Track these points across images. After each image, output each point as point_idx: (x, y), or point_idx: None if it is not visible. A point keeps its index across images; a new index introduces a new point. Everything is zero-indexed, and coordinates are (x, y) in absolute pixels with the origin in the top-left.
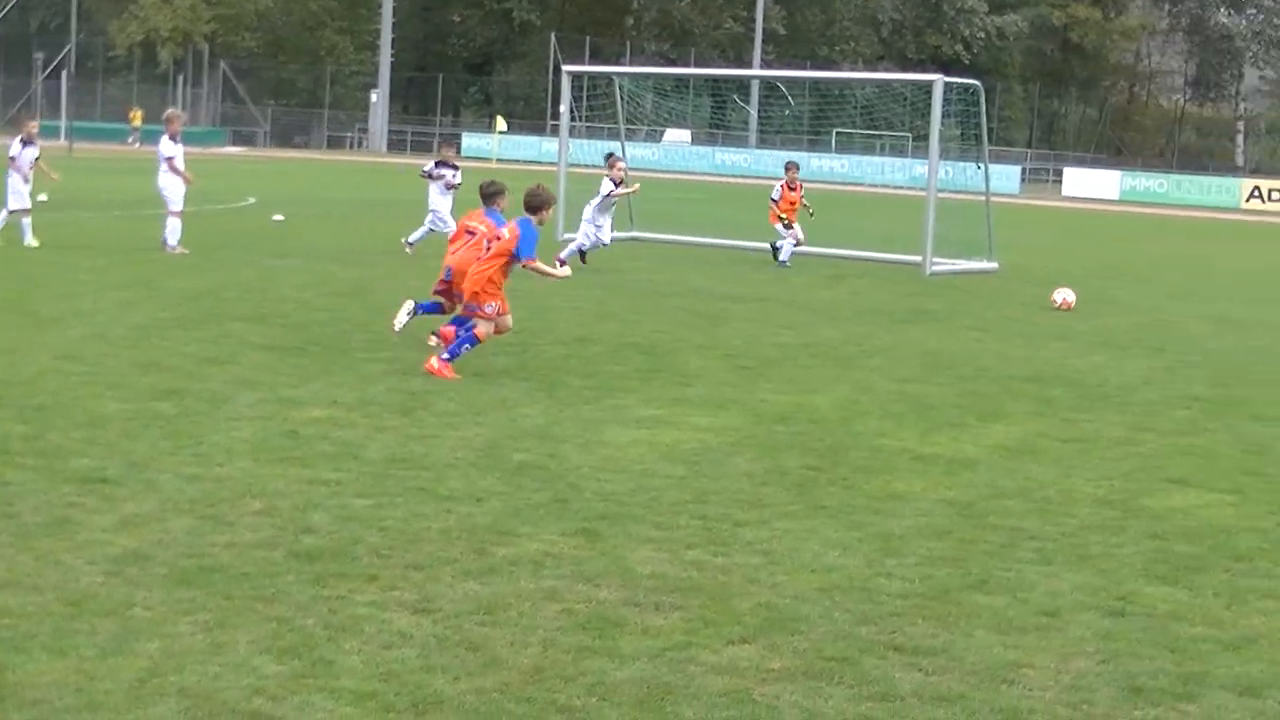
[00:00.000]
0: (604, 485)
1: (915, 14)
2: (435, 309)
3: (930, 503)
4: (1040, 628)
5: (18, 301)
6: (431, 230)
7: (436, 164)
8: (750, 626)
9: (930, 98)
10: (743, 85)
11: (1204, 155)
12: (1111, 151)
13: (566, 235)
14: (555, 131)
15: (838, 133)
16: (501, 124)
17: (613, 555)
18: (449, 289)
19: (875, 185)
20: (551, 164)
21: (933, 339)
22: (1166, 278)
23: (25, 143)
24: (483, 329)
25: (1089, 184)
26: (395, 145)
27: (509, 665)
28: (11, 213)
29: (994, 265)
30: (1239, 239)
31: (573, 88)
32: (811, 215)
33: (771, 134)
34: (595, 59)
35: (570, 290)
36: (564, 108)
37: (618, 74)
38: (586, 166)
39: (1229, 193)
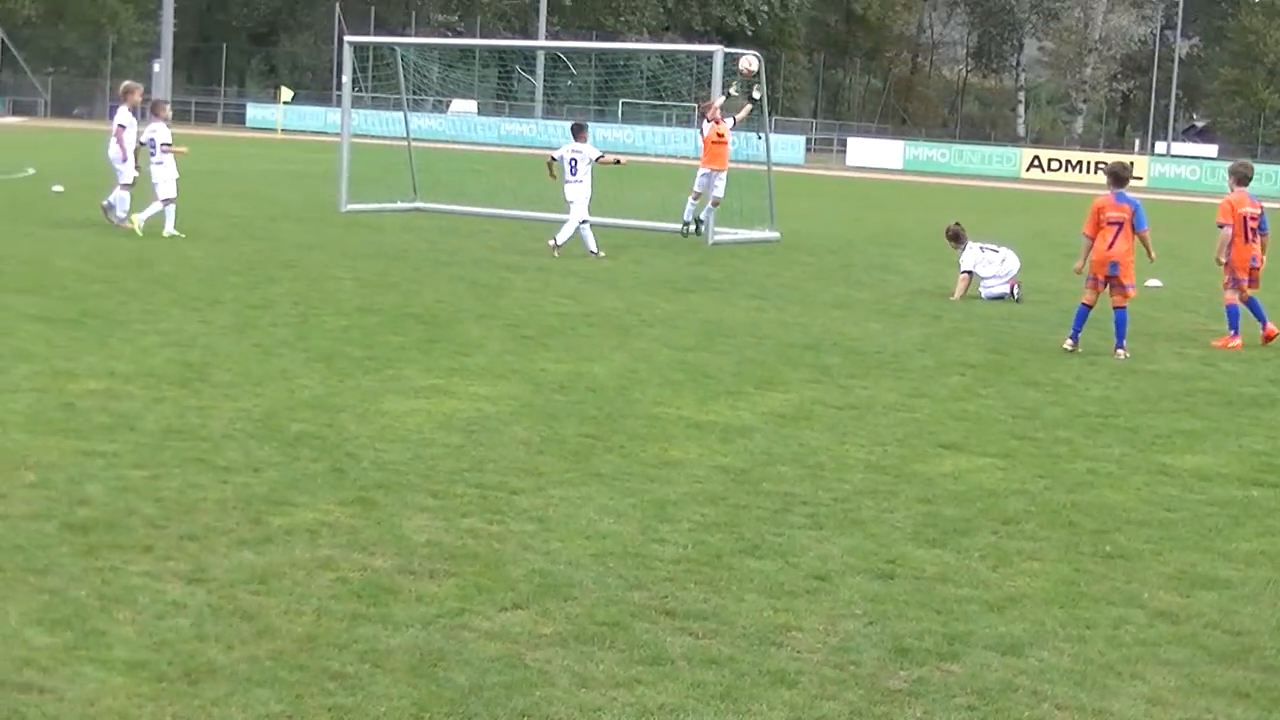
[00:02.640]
0: (381, 454)
1: None
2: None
3: (705, 469)
4: (810, 591)
5: None
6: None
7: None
8: (523, 593)
9: (713, 69)
10: (528, 56)
11: (986, 125)
12: (895, 122)
13: (350, 206)
14: (340, 102)
15: (624, 103)
16: (286, 94)
17: (388, 524)
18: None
19: (661, 155)
20: (336, 135)
21: (713, 307)
22: (946, 246)
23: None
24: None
25: (873, 154)
26: (179, 116)
27: (282, 633)
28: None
29: (775, 235)
30: (1019, 208)
31: (356, 59)
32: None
33: (558, 104)
34: (381, 29)
35: (351, 261)
36: (346, 79)
37: (400, 45)
38: (370, 137)
39: (1010, 162)
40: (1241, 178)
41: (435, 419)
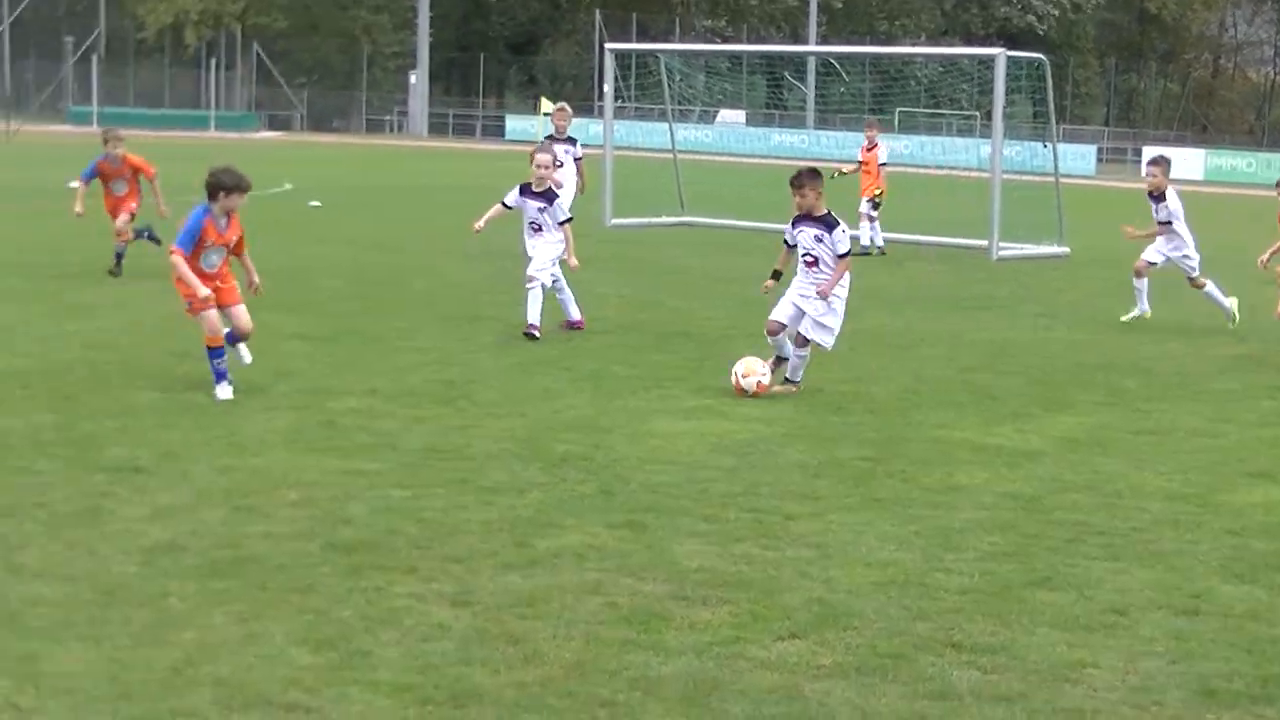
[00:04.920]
0: (651, 477)
1: None
2: None
3: (992, 496)
4: (1107, 626)
5: (48, 290)
6: None
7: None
8: (801, 622)
9: (994, 73)
10: (799, 63)
11: None
12: (1195, 129)
13: (615, 221)
14: (602, 113)
15: (901, 112)
16: (548, 106)
17: (659, 548)
18: None
19: (942, 167)
20: (599, 147)
21: (997, 326)
22: (1253, 262)
23: None
24: None
25: (1171, 164)
26: (436, 129)
27: (550, 659)
28: None
29: (1065, 250)
30: None
31: (619, 67)
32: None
33: (831, 114)
34: (643, 36)
35: (617, 278)
36: (608, 88)
37: (664, 52)
38: (635, 149)
39: None
40: None
41: (707, 440)
